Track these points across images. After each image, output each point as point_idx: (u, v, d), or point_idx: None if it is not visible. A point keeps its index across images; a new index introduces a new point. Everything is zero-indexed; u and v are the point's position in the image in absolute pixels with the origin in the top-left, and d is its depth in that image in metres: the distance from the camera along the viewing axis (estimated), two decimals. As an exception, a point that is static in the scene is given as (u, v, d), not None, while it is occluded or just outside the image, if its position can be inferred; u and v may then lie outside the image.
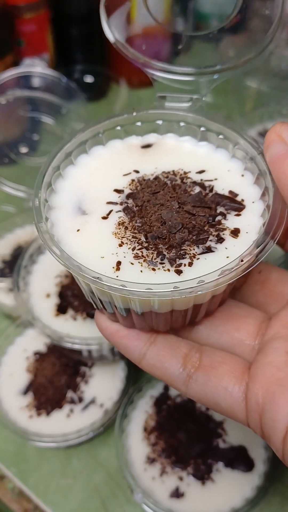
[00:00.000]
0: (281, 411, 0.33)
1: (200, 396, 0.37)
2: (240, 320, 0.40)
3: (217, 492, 0.58)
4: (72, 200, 0.40)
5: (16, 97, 0.83)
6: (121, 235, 0.37)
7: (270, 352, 0.36)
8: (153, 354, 0.38)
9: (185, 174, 0.41)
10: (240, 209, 0.38)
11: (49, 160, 0.40)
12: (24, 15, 0.91)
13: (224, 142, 0.42)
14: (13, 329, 0.72)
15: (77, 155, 0.43)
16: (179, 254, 0.35)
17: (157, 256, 0.35)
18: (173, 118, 0.43)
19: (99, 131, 0.43)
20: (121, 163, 0.42)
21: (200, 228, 0.37)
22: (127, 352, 0.39)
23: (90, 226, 0.38)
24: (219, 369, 0.37)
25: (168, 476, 0.59)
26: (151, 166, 0.42)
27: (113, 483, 0.61)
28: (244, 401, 0.35)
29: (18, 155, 0.88)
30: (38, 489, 0.61)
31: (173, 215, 0.37)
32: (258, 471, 0.59)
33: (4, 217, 0.84)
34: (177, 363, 0.38)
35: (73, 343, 0.59)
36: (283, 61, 1.06)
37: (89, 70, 1.06)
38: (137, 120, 0.44)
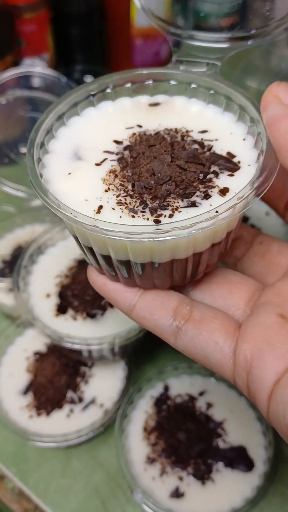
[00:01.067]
0: (268, 369, 0.33)
1: (189, 348, 0.37)
2: (233, 286, 0.40)
3: (217, 492, 0.58)
4: (70, 146, 0.40)
5: (16, 97, 0.83)
6: (109, 182, 0.37)
7: (261, 313, 0.36)
8: (142, 306, 0.38)
9: (187, 132, 0.41)
10: (234, 170, 0.38)
11: (53, 106, 0.41)
12: (24, 15, 0.91)
13: (231, 106, 0.42)
14: (13, 329, 0.72)
15: (84, 108, 0.43)
16: (162, 205, 0.35)
17: (140, 205, 0.35)
18: (184, 79, 0.43)
19: (108, 85, 0.43)
20: (126, 117, 0.43)
21: (188, 183, 0.36)
22: (117, 304, 0.39)
23: (81, 171, 0.38)
24: (211, 324, 0.36)
25: (168, 476, 0.59)
26: (155, 123, 0.42)
27: (113, 483, 0.61)
28: (233, 358, 0.35)
29: (18, 155, 0.88)
30: (38, 489, 0.61)
31: (164, 168, 0.37)
32: (258, 471, 0.59)
33: (4, 217, 0.84)
34: (167, 315, 0.37)
35: (73, 343, 0.59)
36: (283, 61, 1.05)
37: (89, 70, 1.06)
38: (148, 78, 0.44)
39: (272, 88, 0.35)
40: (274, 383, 0.32)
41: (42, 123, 0.40)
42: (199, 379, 0.68)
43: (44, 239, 0.70)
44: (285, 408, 0.31)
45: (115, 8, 0.98)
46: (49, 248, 0.71)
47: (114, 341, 0.60)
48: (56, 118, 0.41)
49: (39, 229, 0.78)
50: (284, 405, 0.31)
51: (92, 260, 0.39)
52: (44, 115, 0.40)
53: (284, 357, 0.33)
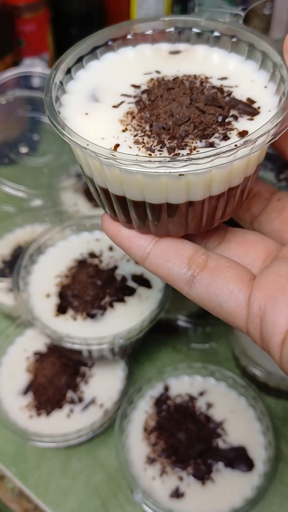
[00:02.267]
0: (282, 314, 0.33)
1: (203, 297, 0.37)
2: (251, 245, 0.40)
3: (217, 492, 0.58)
4: (88, 88, 0.40)
5: (16, 97, 0.83)
6: (127, 123, 0.37)
7: (276, 264, 0.36)
8: (157, 253, 0.38)
9: (206, 79, 0.41)
10: (254, 114, 0.37)
11: (73, 48, 0.41)
12: (24, 15, 0.91)
13: (253, 53, 0.42)
14: (13, 329, 0.72)
15: (103, 52, 0.43)
16: (180, 145, 0.35)
17: (157, 144, 0.35)
18: (207, 26, 0.43)
19: (129, 31, 0.43)
20: (146, 63, 0.43)
21: (207, 125, 0.36)
22: (130, 251, 0.38)
23: (99, 111, 0.38)
24: (226, 273, 0.36)
25: (168, 476, 0.59)
26: (174, 69, 0.42)
27: (113, 483, 0.61)
28: (247, 307, 0.35)
29: (18, 155, 0.88)
30: (38, 489, 0.61)
31: (182, 109, 0.37)
32: (258, 471, 0.59)
33: (4, 217, 0.84)
34: (182, 263, 0.37)
35: (73, 343, 0.59)
36: (283, 61, 1.05)
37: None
38: (170, 25, 0.43)
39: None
40: (287, 329, 0.32)
41: (61, 62, 0.40)
42: (199, 379, 0.68)
43: (44, 239, 0.70)
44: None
45: (115, 8, 0.98)
46: (49, 248, 0.71)
47: (114, 341, 0.60)
48: (75, 60, 0.41)
49: (39, 229, 0.78)
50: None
51: (107, 205, 0.38)
52: (63, 55, 0.40)
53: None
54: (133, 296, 0.64)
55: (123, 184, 0.35)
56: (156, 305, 0.63)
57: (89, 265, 0.68)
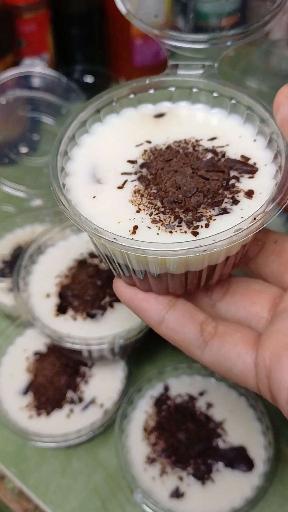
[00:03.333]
0: (286, 371, 0.34)
1: (214, 361, 0.38)
2: (256, 295, 0.41)
3: (217, 492, 0.58)
4: (86, 167, 0.40)
5: (16, 97, 0.83)
6: (138, 202, 0.37)
7: (278, 321, 0.37)
8: (173, 318, 0.38)
9: (197, 142, 0.41)
10: (253, 172, 0.38)
11: (64, 129, 0.40)
12: (24, 15, 0.91)
13: (236, 107, 0.42)
14: (13, 329, 0.72)
15: (92, 124, 0.43)
16: (196, 217, 0.35)
17: (175, 220, 0.36)
18: (185, 84, 0.44)
19: (113, 98, 0.43)
20: (134, 133, 0.43)
21: (214, 192, 0.37)
22: (146, 315, 0.39)
23: (106, 194, 0.38)
24: (234, 337, 0.38)
25: (168, 476, 0.59)
26: (163, 136, 0.42)
27: (113, 483, 0.61)
28: (254, 368, 0.36)
29: (18, 155, 0.88)
30: (38, 489, 0.61)
31: (188, 180, 0.37)
32: (258, 471, 0.59)
33: (4, 217, 0.84)
34: (196, 328, 0.38)
35: (73, 343, 0.59)
36: (283, 61, 1.06)
37: (89, 70, 1.06)
38: (150, 87, 0.44)
39: (284, 89, 0.37)
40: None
41: (58, 145, 0.39)
42: (199, 379, 0.68)
43: (44, 239, 0.70)
44: None
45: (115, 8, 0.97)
46: (49, 248, 0.71)
47: (114, 341, 0.60)
48: (70, 139, 0.41)
49: (39, 229, 0.78)
50: None
51: (121, 271, 0.39)
52: (57, 138, 0.40)
53: None
54: (133, 296, 0.64)
55: (129, 258, 0.35)
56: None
57: (89, 265, 0.68)
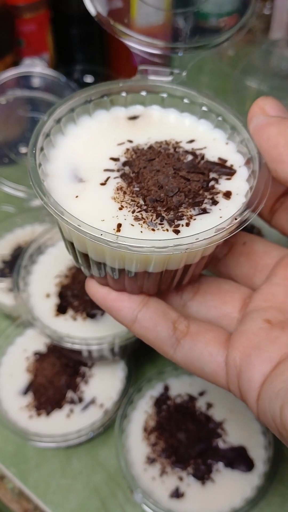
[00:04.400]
0: (255, 371, 0.35)
1: (186, 360, 0.39)
2: (227, 295, 0.42)
3: (217, 492, 0.58)
4: (67, 168, 0.40)
5: (16, 97, 0.83)
6: (120, 199, 0.38)
7: (248, 321, 0.38)
8: (146, 317, 0.39)
9: (177, 143, 0.43)
10: (231, 174, 0.40)
11: (39, 127, 0.40)
12: (24, 15, 0.91)
13: (206, 114, 0.44)
14: (13, 329, 0.72)
15: (66, 125, 0.43)
16: (177, 216, 0.37)
17: (157, 218, 0.37)
18: (157, 89, 0.45)
19: (86, 99, 0.44)
20: (113, 133, 0.44)
21: (195, 192, 0.38)
22: (119, 314, 0.39)
23: (88, 192, 0.39)
24: (206, 336, 0.39)
25: (168, 476, 0.59)
26: (144, 137, 0.43)
27: (113, 483, 0.61)
28: (225, 366, 0.37)
29: (18, 155, 0.88)
30: (38, 489, 0.61)
31: (170, 180, 0.39)
32: (258, 471, 0.59)
33: (4, 217, 0.84)
34: (168, 327, 0.39)
35: (73, 343, 0.59)
36: (283, 61, 1.06)
37: (89, 70, 1.06)
38: (122, 91, 0.45)
39: (258, 101, 0.39)
40: (261, 384, 0.35)
41: (34, 145, 0.39)
42: (199, 379, 0.67)
43: (44, 239, 0.70)
44: (270, 404, 0.33)
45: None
46: (49, 248, 0.71)
47: (114, 341, 0.60)
48: (44, 138, 0.41)
49: (39, 229, 0.78)
50: (269, 401, 0.33)
51: (95, 270, 0.39)
52: (33, 134, 0.40)
53: (270, 359, 0.35)
54: (133, 296, 0.64)
55: (124, 259, 0.36)
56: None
57: (89, 265, 0.68)
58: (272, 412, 0.33)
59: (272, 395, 0.33)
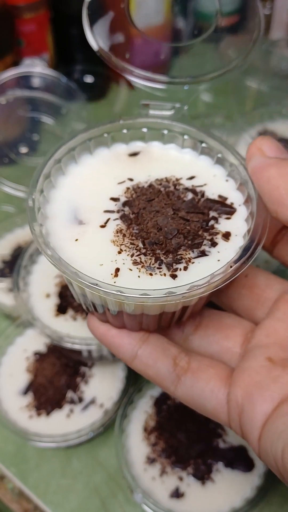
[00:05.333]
0: (257, 411, 0.35)
1: (187, 397, 0.39)
2: (229, 329, 0.42)
3: (217, 492, 0.58)
4: (67, 209, 0.40)
5: (16, 97, 0.83)
6: (120, 243, 0.38)
7: (250, 358, 0.38)
8: (146, 353, 0.39)
9: (177, 180, 0.43)
10: (232, 213, 0.40)
11: (40, 168, 0.40)
12: (24, 15, 0.91)
13: (206, 150, 0.44)
14: (13, 329, 0.72)
15: (67, 164, 0.43)
16: (176, 259, 0.37)
17: (155, 262, 0.36)
18: (157, 126, 0.45)
19: (87, 137, 0.44)
20: (114, 171, 0.43)
21: (194, 233, 0.38)
22: (120, 350, 0.40)
23: (88, 235, 0.39)
24: (207, 373, 0.39)
25: (168, 476, 0.59)
26: (144, 174, 0.43)
27: (113, 483, 0.62)
28: (227, 404, 0.37)
29: (18, 155, 0.88)
30: (38, 489, 0.61)
31: (169, 221, 0.38)
32: (258, 471, 0.59)
33: (4, 217, 0.84)
34: (169, 363, 0.39)
35: (73, 343, 0.59)
36: (283, 61, 1.06)
37: (89, 70, 1.06)
38: (123, 128, 0.45)
39: (256, 141, 0.39)
40: (263, 423, 0.34)
41: (34, 186, 0.39)
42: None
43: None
44: (272, 445, 0.33)
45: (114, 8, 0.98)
46: (49, 248, 0.71)
47: (114, 341, 0.60)
48: (44, 179, 0.41)
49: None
50: (271, 442, 0.33)
51: (95, 310, 0.39)
52: (33, 177, 0.40)
53: (272, 399, 0.35)
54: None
55: (121, 304, 0.36)
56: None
57: (89, 265, 0.68)
58: (274, 453, 0.33)
59: (274, 436, 0.33)
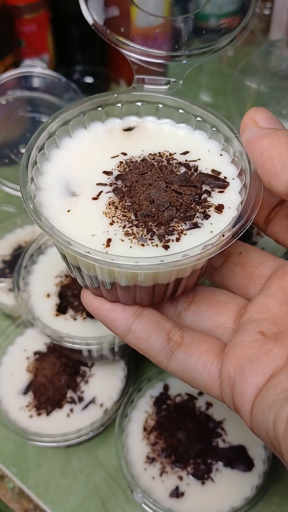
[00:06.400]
0: (249, 384, 0.35)
1: (180, 371, 0.39)
2: (222, 305, 0.42)
3: (217, 492, 0.58)
4: (59, 181, 0.40)
5: (16, 98, 0.83)
6: (112, 214, 0.38)
7: (242, 332, 0.38)
8: (139, 327, 0.39)
9: (171, 155, 0.43)
10: (225, 186, 0.40)
11: (33, 140, 0.40)
12: (24, 15, 0.91)
13: (201, 124, 0.44)
14: (13, 329, 0.72)
15: (61, 138, 0.43)
16: (168, 231, 0.37)
17: (147, 233, 0.37)
18: (152, 100, 0.45)
19: (81, 111, 0.43)
20: (108, 146, 0.43)
21: (187, 206, 0.38)
22: (113, 324, 0.40)
23: (80, 207, 0.39)
24: (200, 347, 0.39)
25: (168, 476, 0.59)
26: (138, 149, 0.43)
27: (113, 483, 0.62)
28: (219, 378, 0.38)
29: (18, 155, 0.88)
30: (38, 489, 0.61)
31: (161, 194, 0.39)
32: (257, 471, 0.59)
33: (4, 217, 0.84)
34: (162, 338, 0.39)
35: (73, 343, 0.59)
36: (283, 61, 1.06)
37: (89, 71, 1.06)
38: (117, 102, 0.45)
39: (250, 112, 0.39)
40: (254, 396, 0.35)
41: (28, 158, 0.39)
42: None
43: (44, 239, 0.70)
44: (263, 416, 0.33)
45: (115, 8, 0.98)
46: (49, 248, 0.71)
47: (114, 341, 0.60)
48: (38, 151, 0.41)
49: (39, 229, 0.78)
50: (262, 414, 0.33)
51: (90, 282, 0.39)
52: (26, 150, 0.40)
53: (264, 372, 0.35)
54: (133, 296, 0.64)
55: (99, 271, 0.36)
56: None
57: (89, 265, 0.68)
58: (266, 425, 0.33)
59: (265, 408, 0.33)
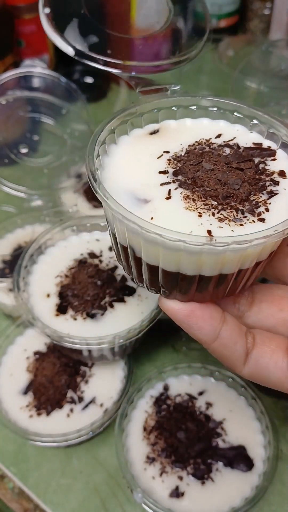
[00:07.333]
0: None
1: (254, 373, 0.39)
2: (282, 301, 0.42)
3: (217, 492, 0.58)
4: (125, 194, 0.39)
5: (16, 98, 0.83)
6: (194, 207, 0.37)
7: None
8: (227, 334, 0.38)
9: (208, 141, 0.43)
10: (274, 154, 0.41)
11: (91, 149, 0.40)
12: (24, 15, 0.91)
13: (220, 114, 0.45)
14: (13, 329, 0.72)
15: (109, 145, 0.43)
16: (253, 205, 0.37)
17: (237, 213, 0.36)
18: (165, 105, 0.45)
19: (112, 127, 0.43)
20: (145, 150, 0.43)
21: (253, 178, 0.39)
22: (202, 332, 0.38)
23: (160, 210, 0.37)
24: (270, 346, 0.39)
25: (167, 476, 0.59)
26: (175, 144, 0.43)
27: (113, 483, 0.62)
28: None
29: (18, 155, 0.88)
30: (38, 489, 0.61)
31: (228, 175, 0.39)
32: (257, 471, 0.59)
33: (4, 217, 0.84)
34: (244, 343, 0.39)
35: (73, 343, 0.59)
36: (283, 61, 1.06)
37: (89, 71, 1.06)
38: (141, 114, 0.45)
39: None
40: None
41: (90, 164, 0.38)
42: (199, 379, 0.68)
43: (44, 239, 0.70)
44: None
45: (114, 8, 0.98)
46: (49, 248, 0.71)
47: (114, 341, 0.60)
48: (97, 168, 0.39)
49: (39, 229, 0.78)
50: None
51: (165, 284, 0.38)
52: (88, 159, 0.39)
53: None
54: (133, 296, 0.64)
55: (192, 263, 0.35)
56: (156, 305, 0.63)
57: (89, 265, 0.68)
58: None
59: None
